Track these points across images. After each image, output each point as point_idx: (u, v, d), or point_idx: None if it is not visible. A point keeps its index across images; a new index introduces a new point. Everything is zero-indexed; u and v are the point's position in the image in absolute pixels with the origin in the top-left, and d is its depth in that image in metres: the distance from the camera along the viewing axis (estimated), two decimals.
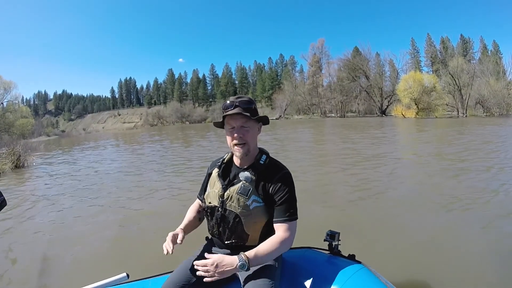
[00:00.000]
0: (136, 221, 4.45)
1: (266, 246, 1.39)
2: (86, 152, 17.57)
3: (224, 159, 1.66)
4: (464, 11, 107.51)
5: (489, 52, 64.00)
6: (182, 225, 1.64)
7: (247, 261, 1.31)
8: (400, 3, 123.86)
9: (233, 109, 1.46)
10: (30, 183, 8.56)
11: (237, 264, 1.30)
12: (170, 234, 1.50)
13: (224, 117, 1.50)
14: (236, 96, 1.52)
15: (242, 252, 1.34)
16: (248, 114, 1.46)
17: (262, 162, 1.53)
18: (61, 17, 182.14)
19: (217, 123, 1.58)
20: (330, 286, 1.38)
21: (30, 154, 12.52)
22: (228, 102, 1.49)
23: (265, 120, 1.59)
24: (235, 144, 1.49)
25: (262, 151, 1.60)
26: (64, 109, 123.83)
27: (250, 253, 1.34)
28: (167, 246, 1.44)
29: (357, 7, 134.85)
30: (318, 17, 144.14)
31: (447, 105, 40.96)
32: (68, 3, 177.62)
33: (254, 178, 1.48)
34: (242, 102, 1.48)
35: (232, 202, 1.46)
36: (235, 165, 1.59)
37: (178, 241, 1.49)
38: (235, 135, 1.47)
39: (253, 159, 1.55)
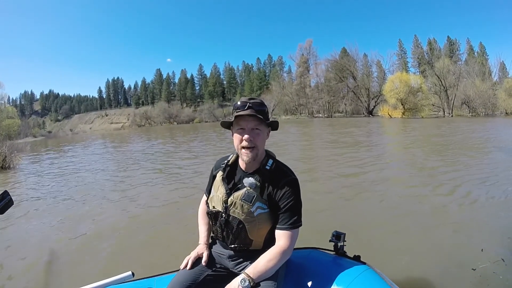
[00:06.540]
0: (139, 220, 4.41)
1: (266, 259, 1.37)
2: (73, 152, 17.29)
3: (229, 160, 1.58)
4: (451, 13, 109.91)
5: (476, 53, 65.38)
6: (203, 237, 1.66)
7: (250, 280, 1.31)
8: (388, 4, 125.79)
9: (246, 109, 1.40)
10: (17, 184, 8.39)
11: (239, 285, 1.30)
12: (194, 254, 1.56)
13: (235, 117, 1.43)
14: (248, 97, 1.45)
15: (244, 272, 1.35)
16: (261, 116, 1.41)
17: (268, 168, 1.47)
18: (48, 17, 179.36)
19: (225, 122, 1.50)
20: (335, 287, 1.38)
21: (16, 155, 12.30)
22: (239, 102, 1.44)
23: (275, 126, 1.53)
24: (244, 147, 1.43)
25: (268, 155, 1.53)
26: (51, 110, 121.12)
27: (250, 270, 1.35)
28: (188, 263, 1.53)
29: (345, 8, 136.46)
30: (306, 18, 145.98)
31: (433, 105, 41.63)
32: (55, 3, 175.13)
33: (259, 184, 1.44)
34: (255, 104, 1.43)
35: (236, 208, 1.43)
36: (240, 168, 1.53)
37: (203, 262, 1.54)
38: (246, 136, 1.41)
39: (259, 164, 1.49)
